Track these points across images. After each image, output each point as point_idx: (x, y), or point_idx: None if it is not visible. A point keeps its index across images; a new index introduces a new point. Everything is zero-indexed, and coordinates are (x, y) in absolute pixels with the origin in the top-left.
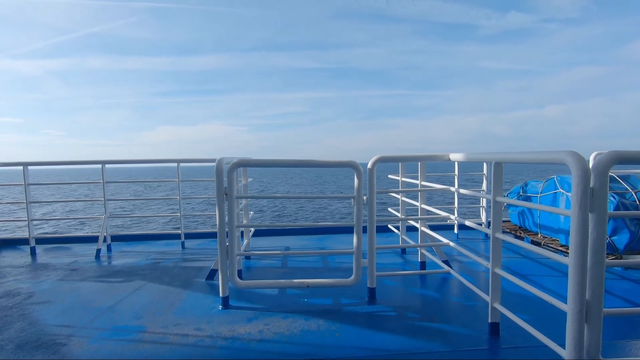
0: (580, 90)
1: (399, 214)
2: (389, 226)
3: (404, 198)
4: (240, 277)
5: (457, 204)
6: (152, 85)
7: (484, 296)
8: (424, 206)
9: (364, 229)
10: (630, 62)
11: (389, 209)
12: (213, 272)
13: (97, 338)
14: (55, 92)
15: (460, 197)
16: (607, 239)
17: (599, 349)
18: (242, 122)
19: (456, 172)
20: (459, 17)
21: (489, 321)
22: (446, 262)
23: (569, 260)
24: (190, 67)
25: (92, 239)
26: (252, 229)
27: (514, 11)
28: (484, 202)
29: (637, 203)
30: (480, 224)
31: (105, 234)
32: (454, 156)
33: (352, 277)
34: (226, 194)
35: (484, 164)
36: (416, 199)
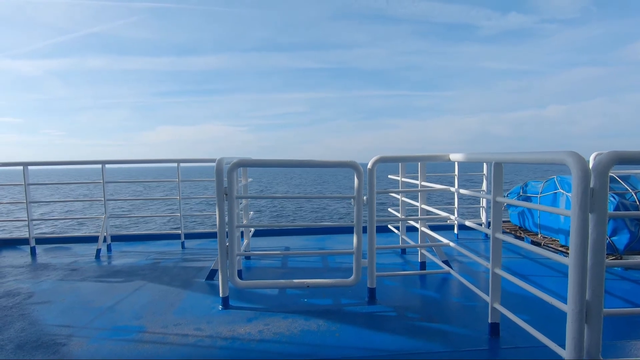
0: (580, 91)
1: (399, 214)
2: (389, 226)
3: (404, 198)
4: (240, 277)
5: (457, 204)
6: (152, 85)
7: (484, 296)
8: (424, 206)
9: (364, 229)
10: (630, 63)
11: (389, 209)
12: (213, 272)
13: (97, 338)
14: (55, 92)
15: (460, 197)
16: (607, 239)
17: (599, 349)
18: (242, 122)
19: (456, 172)
20: (459, 18)
21: (489, 321)
22: (446, 262)
23: (569, 261)
24: (190, 67)
25: (92, 239)
26: (252, 229)
27: (514, 11)
28: (484, 203)
29: (637, 203)
30: (480, 224)
31: (105, 234)
32: (454, 156)
33: (352, 277)
34: (226, 194)
35: (484, 164)
36: (416, 199)
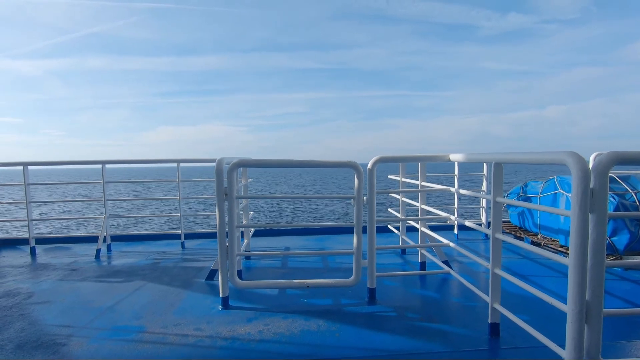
0: (580, 91)
1: (399, 215)
2: (389, 226)
3: (404, 198)
4: (240, 277)
5: (457, 205)
6: (152, 86)
7: (484, 297)
8: (424, 206)
9: (364, 229)
10: (630, 63)
11: (389, 209)
12: (213, 273)
13: (97, 338)
14: (55, 92)
15: (460, 197)
16: (607, 239)
17: (599, 349)
18: (242, 122)
19: (456, 172)
20: (459, 18)
21: (489, 322)
22: (446, 262)
23: (569, 261)
24: (191, 68)
25: (92, 239)
26: (252, 229)
27: (514, 12)
28: (483, 203)
29: (637, 204)
30: (480, 225)
31: (105, 234)
32: (454, 157)
33: (352, 277)
34: (226, 194)
35: (484, 164)
36: (416, 200)
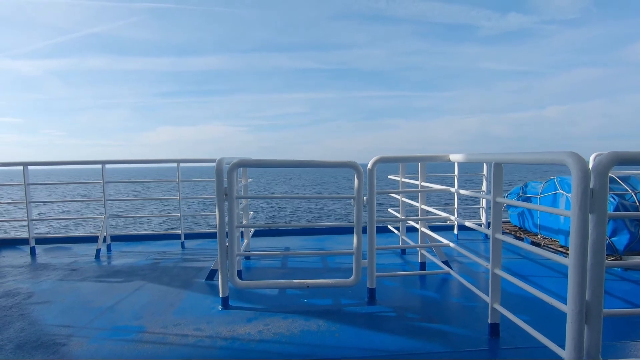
0: (580, 92)
1: (398, 215)
2: (389, 227)
3: (404, 199)
4: (240, 277)
5: (457, 205)
6: (152, 86)
7: (484, 297)
8: (423, 207)
9: (364, 230)
10: (630, 64)
11: (389, 209)
12: (213, 273)
13: (97, 338)
14: (55, 92)
15: (460, 197)
16: (607, 239)
17: (598, 349)
18: (242, 122)
19: (456, 172)
20: (459, 18)
21: (489, 322)
22: (446, 262)
23: (568, 261)
24: (191, 68)
25: (92, 239)
26: (252, 230)
27: (514, 12)
28: (483, 203)
29: (637, 204)
30: (480, 225)
31: (105, 234)
32: (454, 157)
33: (352, 277)
34: (226, 194)
35: (484, 164)
36: (416, 200)
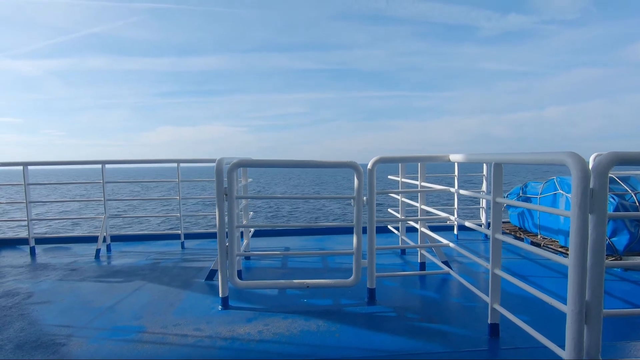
0: (580, 92)
1: (398, 215)
2: (389, 227)
3: (404, 199)
4: (239, 277)
5: (457, 205)
6: (152, 86)
7: (484, 297)
8: (423, 207)
9: (364, 230)
10: (630, 64)
11: (389, 209)
12: (213, 273)
13: (97, 338)
14: (55, 92)
15: (460, 198)
16: (606, 240)
17: (598, 349)
18: (242, 122)
19: (456, 173)
20: (459, 19)
21: (489, 322)
22: (446, 262)
23: (568, 261)
24: (191, 68)
25: (92, 239)
26: (252, 230)
27: (514, 12)
28: (483, 203)
29: (637, 204)
30: (480, 225)
31: (105, 234)
32: (453, 157)
33: (352, 277)
34: (226, 194)
35: (484, 165)
36: (416, 200)
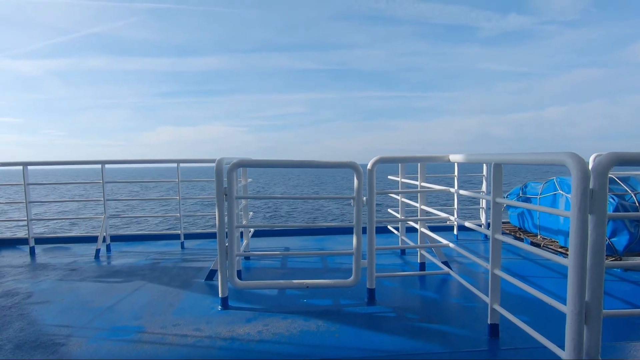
0: (580, 92)
1: (398, 215)
2: (389, 227)
3: (404, 199)
4: (239, 277)
5: (456, 205)
6: (152, 86)
7: (484, 297)
8: (423, 207)
9: (364, 230)
10: (630, 65)
11: (389, 209)
12: (212, 273)
13: (96, 338)
14: (55, 92)
15: (460, 198)
16: (606, 240)
17: (598, 350)
18: (242, 123)
19: (456, 173)
20: (459, 19)
21: (489, 322)
22: (446, 263)
23: (568, 262)
24: (191, 68)
25: (92, 239)
26: (252, 230)
27: (514, 13)
28: (483, 204)
29: (637, 205)
30: (480, 225)
31: (104, 234)
32: (453, 157)
33: (352, 277)
34: (226, 195)
35: (484, 165)
36: (416, 200)
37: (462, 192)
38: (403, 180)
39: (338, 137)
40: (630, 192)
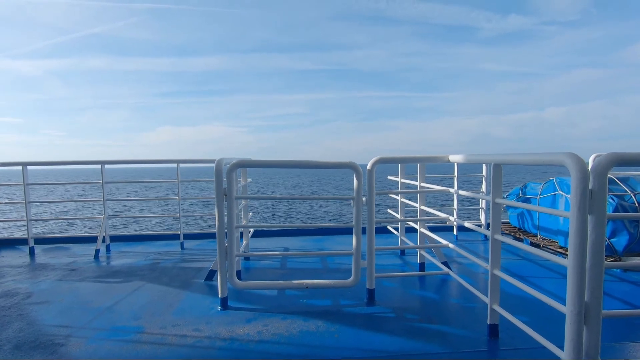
0: (580, 93)
1: (398, 215)
2: (388, 227)
3: (404, 199)
4: (239, 277)
5: (456, 206)
6: (152, 86)
7: (483, 298)
8: (423, 207)
9: (363, 230)
10: (630, 65)
11: (389, 210)
12: (212, 273)
13: (96, 338)
14: (55, 92)
15: (460, 198)
16: (606, 240)
17: (597, 350)
18: (242, 123)
19: (455, 173)
20: (459, 19)
21: (488, 323)
22: (445, 263)
23: (568, 262)
24: (191, 68)
25: (91, 239)
26: (251, 230)
27: (514, 13)
28: (483, 204)
29: (636, 205)
30: (480, 226)
31: (104, 234)
32: (453, 157)
33: (351, 278)
34: (225, 195)
35: (484, 165)
36: (415, 200)
37: (461, 192)
38: (403, 180)
39: (338, 137)
40: (629, 192)
